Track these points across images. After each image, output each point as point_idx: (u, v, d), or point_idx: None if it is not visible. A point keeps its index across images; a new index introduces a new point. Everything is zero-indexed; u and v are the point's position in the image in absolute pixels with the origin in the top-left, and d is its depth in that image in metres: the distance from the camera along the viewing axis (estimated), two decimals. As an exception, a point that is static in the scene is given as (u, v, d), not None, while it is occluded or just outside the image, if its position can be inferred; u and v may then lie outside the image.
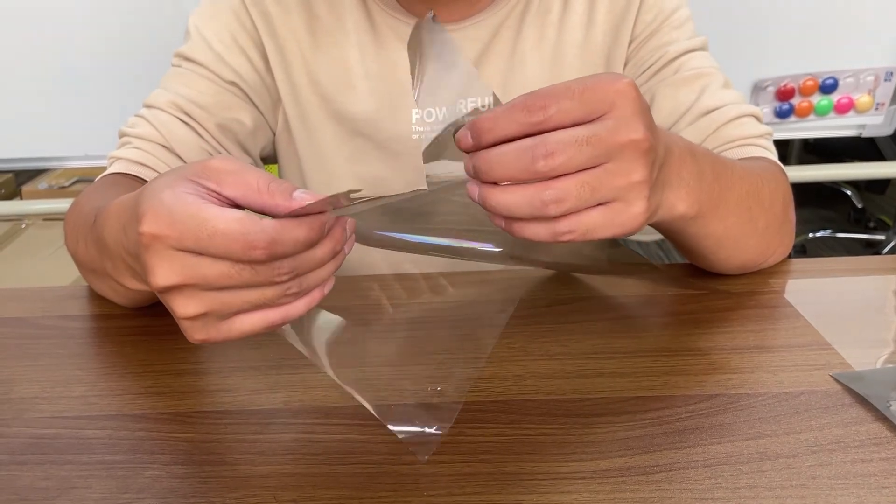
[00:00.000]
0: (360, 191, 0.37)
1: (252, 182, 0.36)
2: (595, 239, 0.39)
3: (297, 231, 0.35)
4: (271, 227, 0.35)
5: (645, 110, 0.39)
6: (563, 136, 0.36)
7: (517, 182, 0.37)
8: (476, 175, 0.38)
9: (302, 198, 0.36)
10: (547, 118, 0.36)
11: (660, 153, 0.41)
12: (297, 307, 0.38)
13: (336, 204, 0.36)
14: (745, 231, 0.55)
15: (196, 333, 0.38)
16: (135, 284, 0.46)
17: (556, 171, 0.36)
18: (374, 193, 0.72)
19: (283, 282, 0.36)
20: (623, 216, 0.39)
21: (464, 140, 0.38)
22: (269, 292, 0.37)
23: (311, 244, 0.37)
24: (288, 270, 0.36)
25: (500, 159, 0.37)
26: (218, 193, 0.36)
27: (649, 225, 0.50)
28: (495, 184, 0.38)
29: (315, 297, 0.39)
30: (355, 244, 0.41)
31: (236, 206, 0.37)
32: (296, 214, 0.35)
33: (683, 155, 0.46)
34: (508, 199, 0.38)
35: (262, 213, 0.37)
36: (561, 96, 0.36)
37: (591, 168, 0.37)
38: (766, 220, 0.57)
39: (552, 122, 0.36)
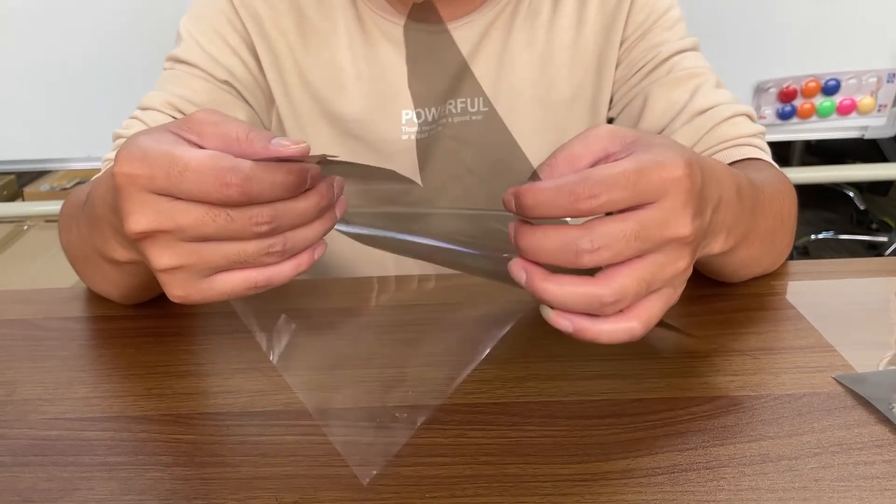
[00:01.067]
0: (336, 156, 0.36)
1: (231, 132, 0.35)
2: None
3: (274, 172, 0.34)
4: (246, 165, 0.34)
5: (696, 199, 0.37)
6: (612, 230, 0.35)
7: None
8: (517, 244, 0.37)
9: (281, 143, 0.35)
10: (595, 207, 0.35)
11: (706, 219, 0.39)
12: (283, 270, 0.37)
13: (319, 159, 0.36)
14: (766, 253, 0.56)
15: (174, 289, 0.37)
16: (122, 254, 0.45)
17: (602, 262, 0.35)
18: (368, 195, 0.72)
19: (264, 233, 0.35)
20: (671, 299, 0.38)
21: (508, 204, 0.37)
22: (249, 247, 0.35)
23: (291, 190, 0.35)
24: (267, 220, 0.35)
25: (543, 245, 0.35)
26: (198, 145, 0.36)
27: None
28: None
29: (304, 260, 0.38)
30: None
31: None
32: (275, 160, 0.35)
33: (731, 201, 0.44)
34: (564, 295, 0.36)
35: None
36: (613, 185, 0.34)
37: (639, 259, 0.36)
38: (783, 238, 0.58)
39: (600, 209, 0.35)
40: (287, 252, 0.37)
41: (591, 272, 0.36)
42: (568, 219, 0.36)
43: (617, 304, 0.36)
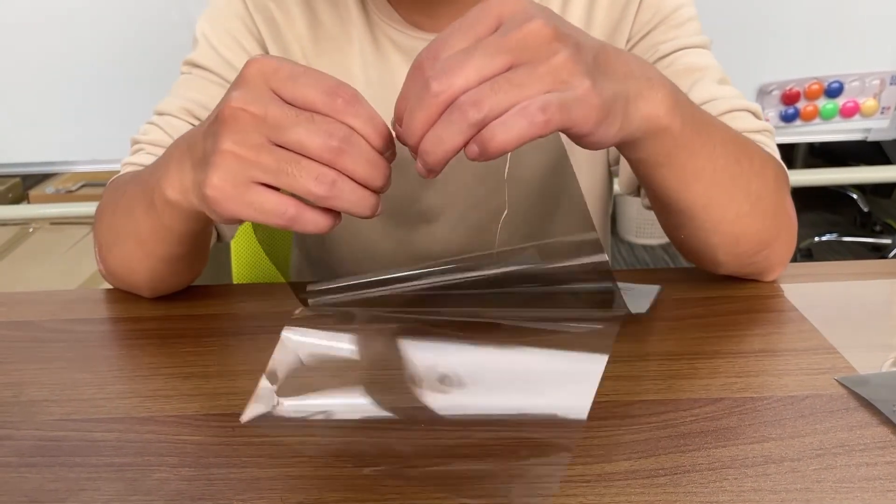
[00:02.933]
0: None
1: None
2: (547, 131, 0.36)
3: (375, 113, 0.38)
4: (359, 94, 0.38)
5: (537, 7, 0.37)
6: (445, 57, 0.36)
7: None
8: (404, 140, 0.38)
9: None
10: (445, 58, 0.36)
11: (584, 41, 0.39)
12: (309, 216, 0.39)
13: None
14: (737, 184, 0.52)
15: (215, 175, 0.39)
16: (176, 187, 0.47)
17: (454, 85, 0.35)
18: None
19: (333, 148, 0.37)
20: (572, 94, 0.36)
21: (400, 136, 0.39)
22: (303, 162, 0.37)
23: (379, 133, 0.38)
24: (341, 136, 0.37)
25: (405, 102, 0.37)
26: None
27: (634, 158, 0.48)
28: None
29: (327, 223, 0.40)
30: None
31: None
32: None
33: (629, 55, 0.43)
34: (433, 131, 0.36)
35: None
36: (449, 37, 0.37)
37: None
38: (758, 185, 0.54)
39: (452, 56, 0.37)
40: (331, 196, 0.38)
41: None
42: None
43: (477, 105, 0.35)
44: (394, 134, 0.40)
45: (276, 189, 0.39)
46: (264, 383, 0.42)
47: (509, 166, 0.43)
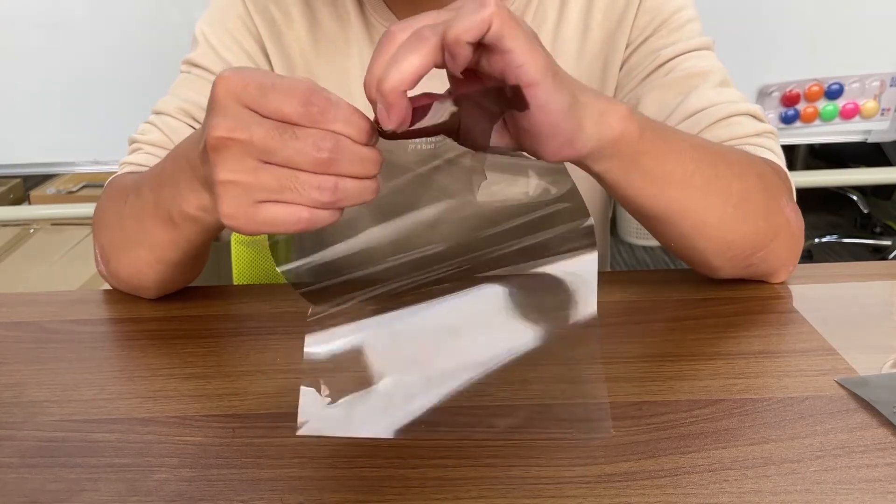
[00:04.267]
0: None
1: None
2: (520, 30, 0.38)
3: (353, 108, 0.38)
4: (331, 93, 0.38)
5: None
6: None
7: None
8: (369, 98, 0.39)
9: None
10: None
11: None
12: (326, 214, 0.39)
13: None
14: (714, 189, 0.52)
15: (225, 204, 0.39)
16: (192, 202, 0.48)
17: (414, 26, 0.38)
18: (374, 205, 0.72)
19: (323, 161, 0.37)
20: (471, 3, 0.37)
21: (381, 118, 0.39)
22: (302, 176, 0.38)
23: (362, 132, 0.38)
24: (329, 147, 0.37)
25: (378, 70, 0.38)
26: None
27: (602, 174, 0.48)
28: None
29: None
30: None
31: None
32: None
33: (586, 87, 0.45)
34: (393, 56, 0.37)
35: None
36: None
37: None
38: (740, 188, 0.53)
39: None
40: (337, 200, 0.39)
41: None
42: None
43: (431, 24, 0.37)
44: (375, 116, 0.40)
45: None
46: (305, 391, 0.42)
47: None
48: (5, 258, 1.56)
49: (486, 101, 0.41)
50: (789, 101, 1.40)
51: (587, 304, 0.41)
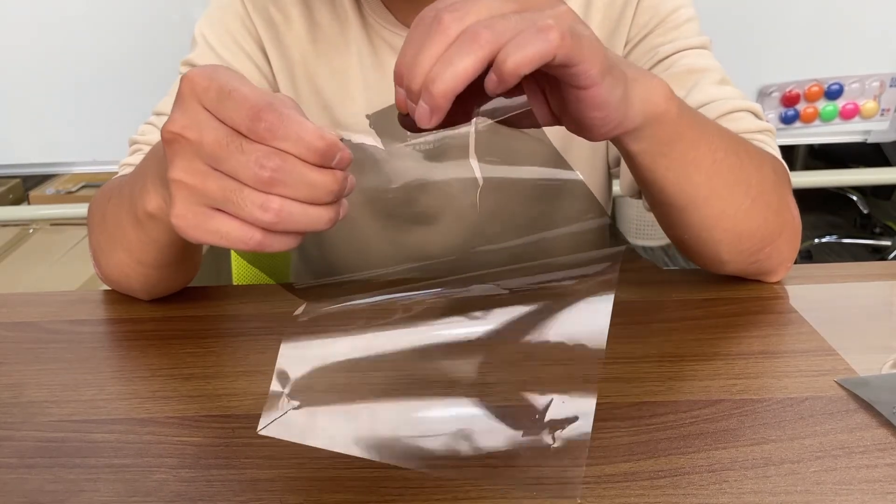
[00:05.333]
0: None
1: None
2: (581, 51, 0.36)
3: (307, 128, 0.35)
4: (287, 110, 0.35)
5: None
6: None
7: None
8: (410, 91, 0.36)
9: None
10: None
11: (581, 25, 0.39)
12: (273, 241, 0.37)
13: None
14: (737, 178, 0.52)
15: (177, 205, 0.37)
16: (153, 201, 0.48)
17: (466, 18, 0.35)
18: (372, 205, 0.71)
19: (265, 179, 0.35)
20: (580, 30, 0.36)
21: (400, 105, 0.37)
22: (245, 191, 0.36)
23: (314, 153, 0.36)
24: (273, 166, 0.35)
25: (412, 41, 0.36)
26: None
27: (632, 150, 0.47)
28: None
29: (290, 242, 0.38)
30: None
31: None
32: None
33: (631, 63, 0.44)
34: (445, 56, 0.35)
35: None
36: None
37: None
38: (758, 180, 0.53)
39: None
40: (280, 222, 0.36)
41: None
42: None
43: (489, 30, 0.34)
44: (340, 136, 0.38)
45: None
46: (275, 388, 0.42)
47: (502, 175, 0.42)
48: (5, 258, 1.56)
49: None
50: (789, 101, 1.40)
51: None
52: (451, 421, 0.41)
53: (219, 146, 0.36)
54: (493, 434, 0.39)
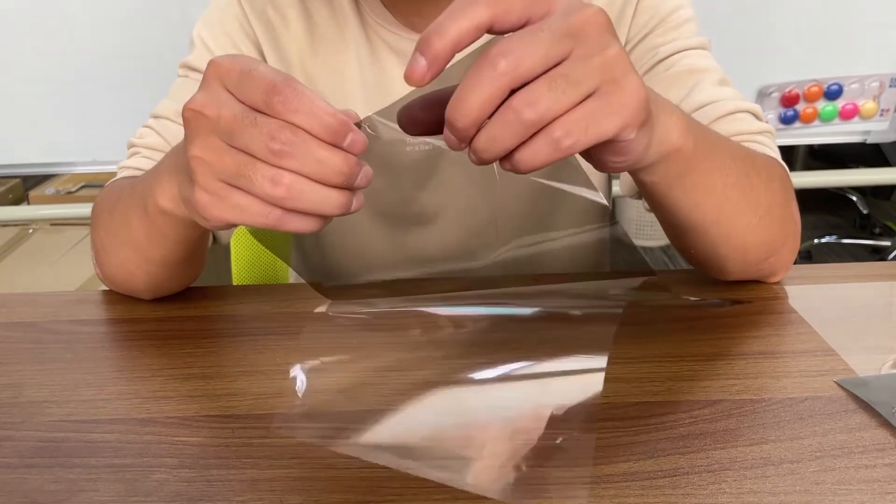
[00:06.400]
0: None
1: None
2: (603, 136, 0.35)
3: (319, 103, 0.36)
4: (300, 86, 0.36)
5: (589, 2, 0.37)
6: (514, 34, 0.34)
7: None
8: (455, 126, 0.35)
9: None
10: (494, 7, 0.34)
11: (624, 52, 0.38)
12: (290, 221, 0.38)
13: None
14: (747, 198, 0.52)
15: (198, 178, 0.39)
16: (167, 195, 0.48)
17: (521, 66, 0.33)
18: (372, 205, 0.71)
19: (275, 151, 0.36)
20: (620, 95, 0.35)
21: (414, 71, 0.36)
22: (258, 165, 0.37)
23: (326, 128, 0.36)
24: (283, 140, 0.36)
25: (466, 85, 0.34)
26: None
27: (645, 181, 0.48)
28: None
29: (311, 224, 0.39)
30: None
31: None
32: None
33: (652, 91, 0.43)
34: (487, 130, 0.35)
35: None
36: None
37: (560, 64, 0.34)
38: (767, 197, 0.54)
39: (499, 15, 0.35)
40: (290, 197, 0.37)
41: None
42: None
43: (532, 106, 0.34)
44: (358, 121, 0.39)
45: None
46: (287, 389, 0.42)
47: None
48: (4, 258, 1.56)
49: None
50: (789, 101, 1.40)
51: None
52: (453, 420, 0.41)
53: (234, 121, 0.37)
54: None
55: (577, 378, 0.40)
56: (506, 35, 0.35)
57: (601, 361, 0.38)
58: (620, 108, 0.36)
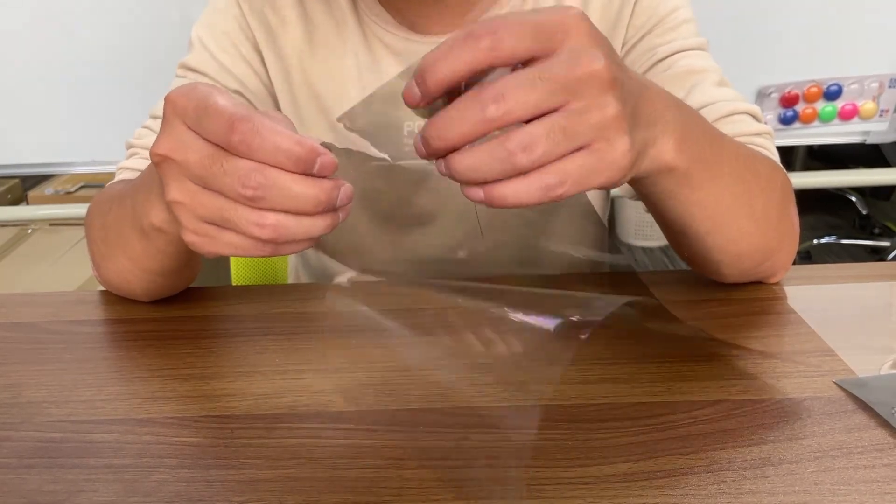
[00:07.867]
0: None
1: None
2: (589, 188, 0.36)
3: (283, 137, 0.35)
4: (261, 121, 0.35)
5: (601, 40, 0.36)
6: (514, 76, 0.34)
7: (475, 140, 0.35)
8: (429, 145, 0.35)
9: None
10: (495, 51, 0.34)
11: (630, 87, 0.38)
12: (286, 247, 0.39)
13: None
14: (742, 207, 0.52)
15: (184, 223, 0.39)
16: (158, 214, 0.47)
17: (511, 114, 0.33)
18: (370, 206, 0.72)
19: (250, 198, 0.36)
20: (609, 155, 0.35)
21: (409, 96, 0.35)
22: (239, 210, 0.37)
23: (293, 162, 0.35)
24: (254, 185, 0.35)
25: (450, 115, 0.34)
26: None
27: (637, 190, 0.48)
28: None
29: (297, 248, 0.39)
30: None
31: None
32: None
33: (662, 95, 0.43)
34: (472, 158, 0.34)
35: None
36: (506, 29, 0.33)
37: (555, 111, 0.34)
38: (763, 203, 0.54)
39: (501, 57, 0.34)
40: (278, 237, 0.37)
41: None
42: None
43: (527, 152, 0.34)
44: (321, 142, 0.38)
45: None
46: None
47: None
48: (3, 258, 1.56)
49: None
50: (788, 102, 1.40)
51: None
52: None
53: (202, 167, 0.37)
54: None
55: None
56: (502, 73, 0.35)
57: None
58: (610, 165, 0.36)
